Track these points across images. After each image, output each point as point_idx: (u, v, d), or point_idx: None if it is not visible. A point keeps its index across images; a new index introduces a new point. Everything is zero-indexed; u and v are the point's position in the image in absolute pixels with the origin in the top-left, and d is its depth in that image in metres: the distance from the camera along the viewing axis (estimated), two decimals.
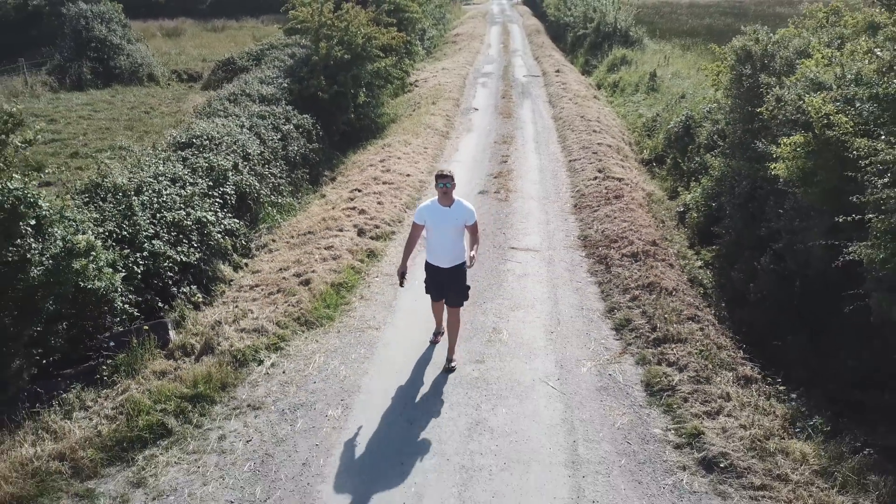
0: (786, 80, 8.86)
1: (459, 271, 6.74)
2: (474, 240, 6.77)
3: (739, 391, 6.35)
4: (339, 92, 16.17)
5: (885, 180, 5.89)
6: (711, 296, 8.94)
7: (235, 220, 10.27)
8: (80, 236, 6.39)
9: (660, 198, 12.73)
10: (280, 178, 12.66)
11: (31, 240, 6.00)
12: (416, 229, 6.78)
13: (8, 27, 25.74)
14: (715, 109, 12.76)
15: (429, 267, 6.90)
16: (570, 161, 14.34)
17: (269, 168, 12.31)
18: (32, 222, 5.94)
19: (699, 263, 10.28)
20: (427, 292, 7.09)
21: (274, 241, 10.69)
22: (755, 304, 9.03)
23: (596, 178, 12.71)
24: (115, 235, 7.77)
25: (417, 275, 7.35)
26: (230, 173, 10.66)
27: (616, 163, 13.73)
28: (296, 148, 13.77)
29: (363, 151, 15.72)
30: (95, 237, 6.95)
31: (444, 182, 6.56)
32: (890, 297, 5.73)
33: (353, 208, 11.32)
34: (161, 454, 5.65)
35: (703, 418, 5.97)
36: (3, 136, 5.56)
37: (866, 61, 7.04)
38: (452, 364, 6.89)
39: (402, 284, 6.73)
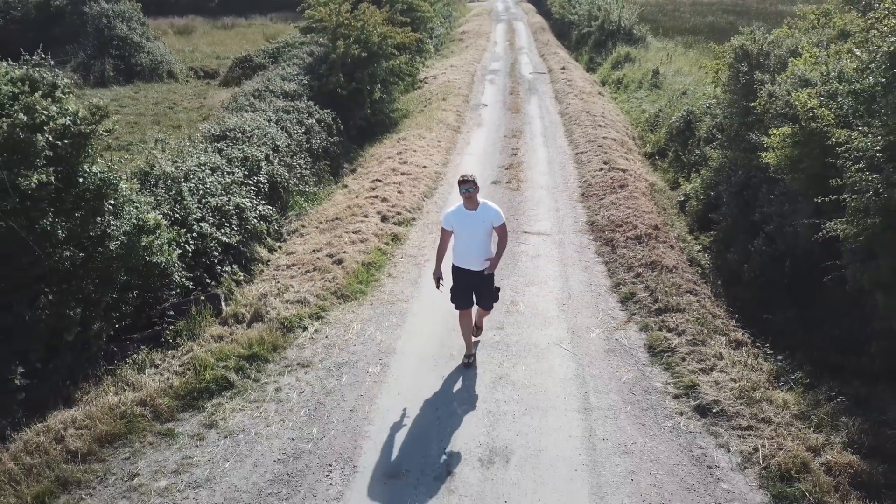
0: (778, 77, 9.68)
1: (490, 273, 6.85)
2: (501, 244, 6.84)
3: (731, 352, 7.20)
4: (356, 88, 17.02)
5: (860, 165, 6.70)
6: (708, 275, 9.76)
7: (269, 207, 11.12)
8: (149, 215, 7.24)
9: (662, 188, 13.56)
10: (305, 169, 13.50)
11: (110, 217, 6.84)
12: (445, 235, 6.85)
13: (30, 25, 26.55)
14: (714, 105, 13.57)
15: (458, 271, 6.89)
16: (577, 154, 15.16)
17: (295, 159, 13.16)
18: (112, 202, 6.78)
19: (698, 247, 11.10)
20: (452, 301, 7.03)
21: (304, 226, 11.54)
22: (748, 283, 9.86)
23: (602, 169, 13.53)
24: (169, 217, 8.62)
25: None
26: (263, 163, 11.51)
27: (620, 155, 14.55)
28: (318, 141, 14.61)
29: (380, 145, 16.55)
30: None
31: (467, 187, 6.57)
32: (862, 266, 6.56)
33: (376, 197, 12.17)
34: (227, 402, 6.51)
35: (698, 374, 6.82)
36: (94, 126, 6.39)
37: (847, 60, 7.84)
38: (471, 360, 7.13)
39: (438, 287, 6.91)
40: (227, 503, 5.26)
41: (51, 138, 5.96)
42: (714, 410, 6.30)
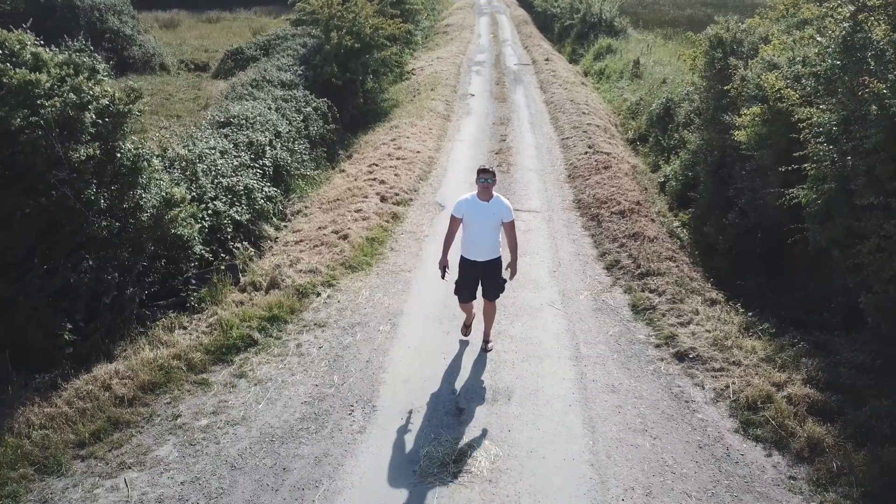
0: (750, 62, 10.48)
1: (496, 264, 6.83)
2: (512, 245, 6.85)
3: (706, 309, 7.99)
4: (350, 78, 17.65)
5: (820, 139, 7.49)
6: (686, 246, 10.56)
7: (274, 189, 11.76)
8: (175, 189, 7.88)
9: (643, 170, 14.36)
10: (304, 154, 14.13)
11: (141, 190, 7.48)
12: (454, 222, 6.79)
13: (21, 19, 26.75)
14: (692, 91, 14.38)
15: (465, 262, 6.87)
16: (563, 139, 15.92)
17: (295, 145, 13.79)
18: (145, 176, 7.42)
19: (677, 223, 11.90)
20: (456, 293, 7.09)
21: (307, 207, 12.20)
22: (723, 254, 10.70)
23: (586, 152, 14.30)
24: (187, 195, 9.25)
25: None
26: (267, 148, 12.15)
27: (604, 140, 15.33)
28: (315, 128, 15.24)
29: (373, 132, 17.18)
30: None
31: (486, 177, 6.54)
32: (821, 228, 7.35)
33: (374, 179, 12.84)
34: (253, 357, 7.19)
35: (676, 327, 7.61)
36: (131, 106, 7.02)
37: (809, 46, 8.64)
38: (490, 345, 7.20)
39: (443, 277, 6.92)
40: (263, 437, 5.94)
41: (94, 116, 6.59)
42: (691, 356, 7.08)
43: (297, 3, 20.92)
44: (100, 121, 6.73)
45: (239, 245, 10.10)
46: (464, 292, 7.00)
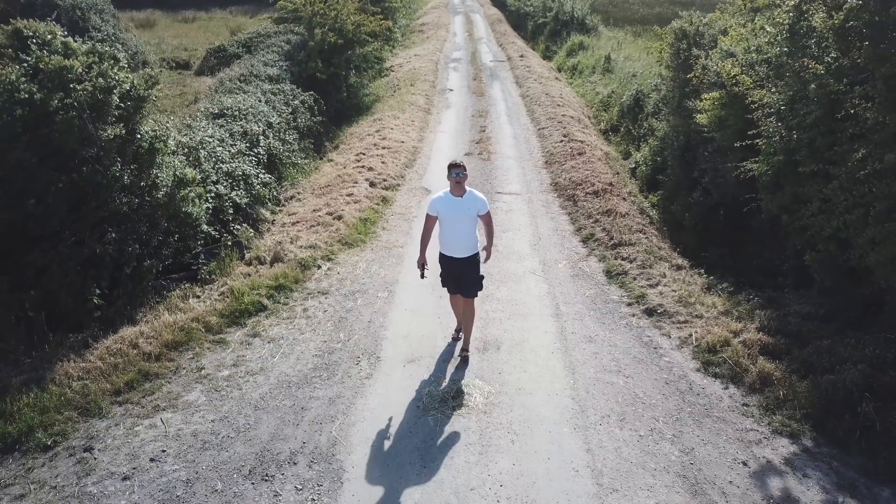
0: (710, 52, 11.39)
1: (473, 261, 6.75)
2: (489, 231, 6.86)
3: (673, 273, 8.85)
4: (334, 73, 18.34)
5: (770, 118, 8.38)
6: (655, 223, 11.43)
7: (268, 175, 12.43)
8: (187, 170, 8.54)
9: (615, 157, 15.26)
10: (294, 144, 14.80)
11: (157, 170, 8.13)
12: (429, 221, 6.71)
13: (2, 19, 26.98)
14: (660, 83, 15.31)
15: (443, 259, 6.84)
16: (539, 129, 16.76)
17: (286, 136, 14.45)
18: (161, 157, 8.07)
19: (647, 205, 12.79)
20: (444, 286, 7.13)
21: (299, 193, 12.88)
22: (690, 230, 11.61)
23: (562, 141, 15.15)
24: None
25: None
26: (261, 137, 12.82)
27: (578, 130, 16.19)
28: (303, 120, 15.90)
29: (357, 125, 17.88)
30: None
31: (457, 172, 6.48)
32: (772, 196, 8.24)
33: (362, 167, 13.56)
34: (264, 320, 7.89)
35: (646, 288, 8.45)
36: (149, 91, 7.67)
37: (761, 35, 9.54)
38: (467, 353, 7.03)
39: (422, 276, 6.83)
40: (280, 384, 6.66)
41: (118, 100, 7.24)
42: (658, 311, 7.92)
43: (278, 1, 21.55)
44: (122, 104, 7.38)
45: (239, 227, 10.77)
46: (450, 285, 7.01)
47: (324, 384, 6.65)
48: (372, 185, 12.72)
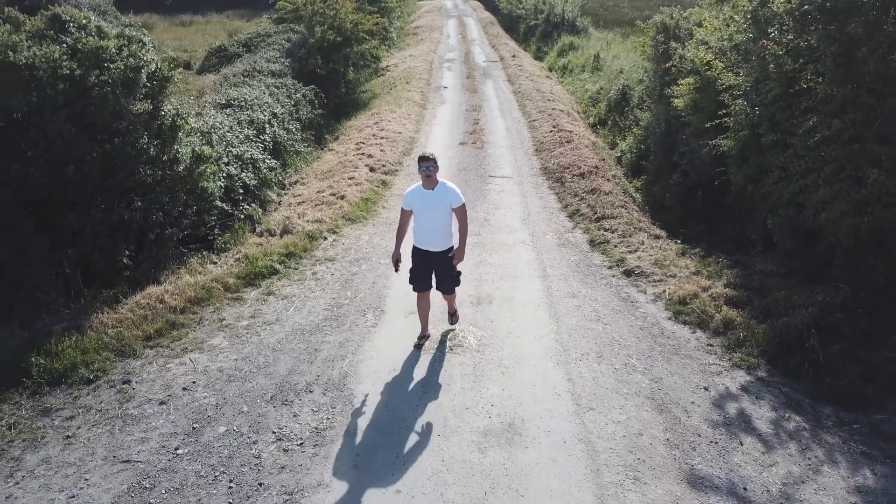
0: (686, 43, 12.21)
1: (449, 255, 6.73)
2: (462, 228, 6.69)
3: (651, 241, 9.65)
4: (333, 69, 19.13)
5: (738, 98, 9.19)
6: (637, 202, 12.23)
7: (274, 161, 13.18)
8: (204, 147, 9.30)
9: (602, 146, 16.07)
10: (297, 134, 15.56)
11: (178, 146, 8.88)
12: (404, 215, 6.72)
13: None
14: (644, 76, 16.15)
15: (418, 252, 6.78)
16: (530, 122, 17.58)
17: (289, 125, 15.21)
18: (181, 133, 8.83)
19: (632, 189, 13.59)
20: (411, 282, 6.93)
21: (303, 178, 13.64)
22: (670, 209, 12.39)
23: (551, 131, 15.96)
24: None
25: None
26: (266, 125, 13.58)
27: (567, 122, 17.02)
28: (305, 112, 16.68)
29: (356, 119, 18.67)
30: None
31: (427, 165, 6.41)
32: (739, 169, 9.03)
33: (363, 154, 14.34)
34: (277, 282, 8.64)
35: (625, 254, 9.24)
36: (172, 72, 8.43)
37: (731, 25, 10.35)
38: (455, 317, 7.33)
39: (396, 270, 6.77)
40: (295, 332, 7.41)
41: (145, 78, 8.00)
42: (636, 272, 8.72)
43: (278, 2, 22.37)
44: (149, 83, 8.15)
45: (248, 206, 11.53)
46: (417, 281, 6.84)
47: (334, 331, 7.41)
48: (372, 170, 13.49)
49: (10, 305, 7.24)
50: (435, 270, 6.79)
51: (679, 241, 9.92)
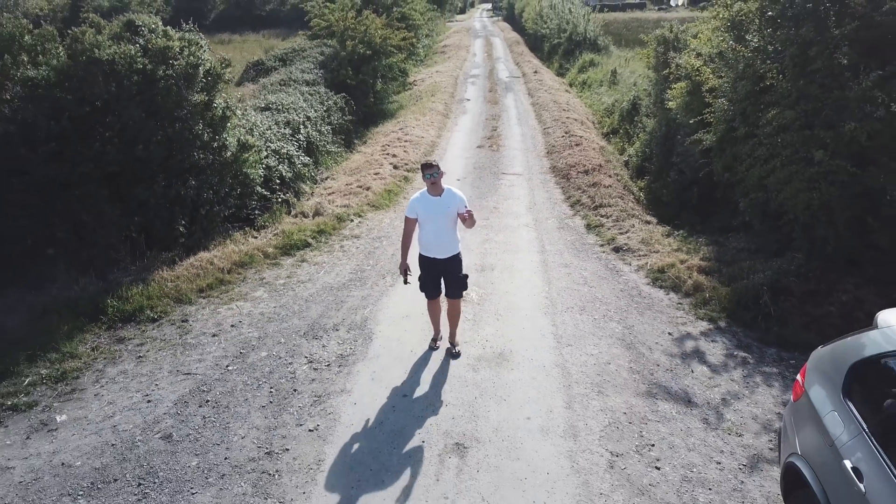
0: (683, 52, 13.39)
1: (456, 261, 6.68)
2: (471, 224, 6.44)
3: (641, 225, 10.78)
4: (362, 80, 20.61)
5: (719, 98, 10.32)
6: (635, 195, 13.37)
7: (307, 158, 14.57)
8: (249, 137, 10.68)
9: (611, 151, 17.22)
10: (328, 136, 16.98)
11: (226, 134, 10.27)
12: (409, 223, 6.63)
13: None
14: (648, 86, 17.32)
15: (424, 260, 6.74)
16: (545, 129, 18.82)
17: (321, 128, 16.64)
18: (229, 124, 10.22)
19: (636, 189, 14.71)
20: (422, 290, 6.90)
21: (333, 175, 15.00)
22: (667, 203, 13.49)
23: (563, 136, 17.18)
24: None
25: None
26: (301, 126, 15.00)
27: (579, 129, 18.21)
28: (336, 118, 18.11)
29: (383, 126, 20.07)
30: None
31: (431, 172, 6.37)
32: (718, 159, 10.14)
33: (387, 154, 15.69)
34: (309, 253, 9.94)
35: (617, 234, 10.40)
36: (224, 70, 9.85)
37: (717, 36, 11.51)
38: (457, 349, 6.98)
39: (405, 281, 6.70)
40: (324, 288, 8.68)
41: (202, 74, 9.42)
42: (624, 249, 9.87)
43: (314, 19, 24.02)
44: (204, 78, 9.56)
45: (284, 194, 12.89)
46: (428, 289, 6.85)
47: (357, 289, 8.67)
48: (395, 167, 14.82)
49: (89, 259, 8.61)
50: (443, 277, 6.75)
51: (668, 226, 11.02)
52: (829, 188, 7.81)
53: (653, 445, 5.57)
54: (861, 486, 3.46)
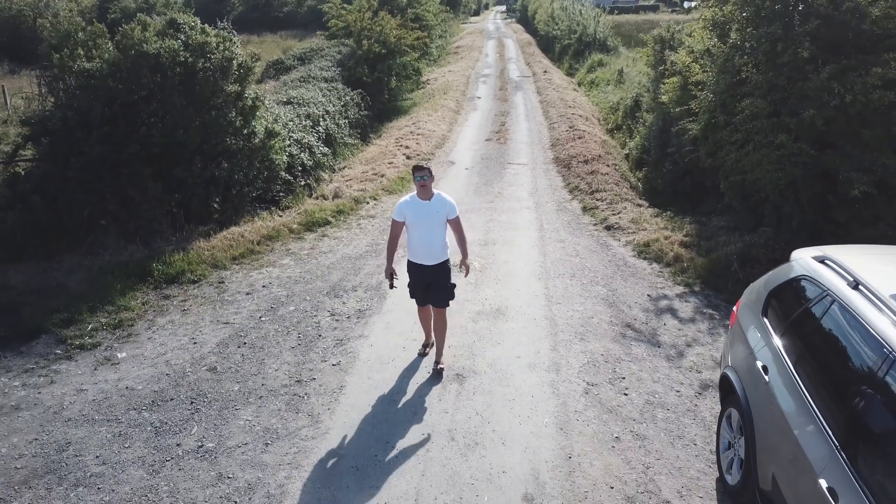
0: (677, 50, 14.34)
1: (444, 268, 6.54)
2: (461, 240, 6.52)
3: (633, 208, 11.76)
4: (377, 77, 21.69)
5: (705, 92, 11.28)
6: (630, 183, 14.33)
7: (326, 148, 15.66)
8: (275, 125, 11.76)
9: (612, 144, 18.18)
10: (345, 129, 18.07)
11: (255, 122, 11.35)
12: (396, 227, 6.49)
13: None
14: (647, 83, 18.26)
15: (412, 266, 6.61)
16: (551, 124, 19.81)
17: (339, 121, 17.73)
18: (258, 113, 11.30)
19: (633, 180, 15.67)
20: (412, 297, 6.82)
21: (350, 164, 16.08)
22: (662, 192, 14.44)
23: (567, 130, 18.16)
24: None
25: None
26: (321, 119, 16.09)
27: (583, 124, 19.19)
28: (352, 113, 19.19)
29: (396, 121, 21.15)
30: None
31: (422, 175, 6.27)
32: (703, 146, 11.09)
33: (401, 146, 16.75)
34: (330, 229, 11.01)
35: (609, 215, 11.39)
36: (254, 64, 10.94)
37: (705, 33, 12.46)
38: (440, 366, 6.67)
39: (391, 286, 6.62)
40: (343, 258, 9.73)
41: (235, 66, 10.52)
42: (615, 227, 10.86)
43: (331, 20, 25.16)
44: (237, 71, 10.66)
45: (306, 182, 13.97)
46: (418, 295, 6.76)
47: (373, 258, 9.72)
48: (408, 158, 15.86)
49: (136, 229, 9.70)
50: (430, 284, 6.59)
51: (658, 209, 11.99)
52: (794, 169, 8.76)
53: (623, 378, 6.56)
54: (766, 377, 4.45)
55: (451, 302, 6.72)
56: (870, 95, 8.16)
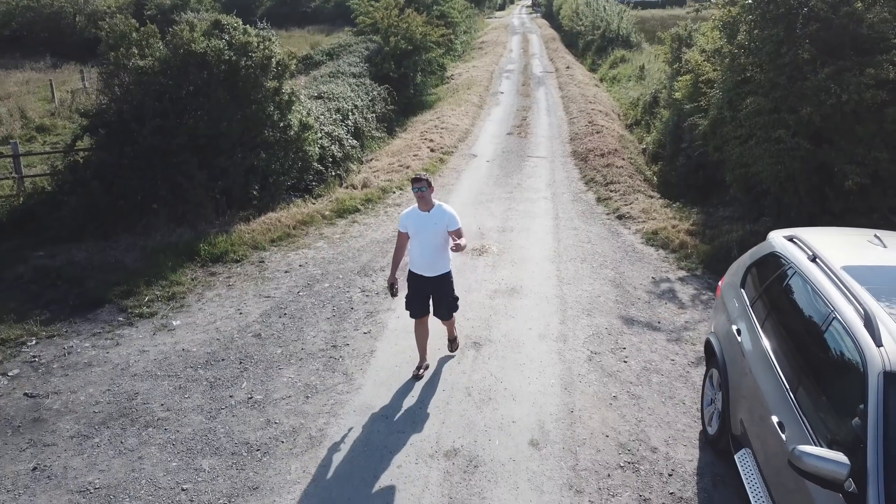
0: (692, 49, 14.94)
1: (446, 280, 6.50)
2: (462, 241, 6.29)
3: (645, 199, 12.43)
4: (404, 73, 22.49)
5: (713, 89, 11.90)
6: (644, 176, 14.98)
7: (355, 141, 16.49)
8: (309, 118, 12.60)
9: (630, 140, 18.80)
10: (373, 123, 18.90)
11: (291, 115, 12.20)
12: (400, 238, 6.53)
13: None
14: (664, 79, 18.84)
15: (413, 277, 6.56)
16: (571, 119, 20.47)
17: (367, 115, 18.56)
18: (294, 107, 12.15)
19: (649, 173, 16.30)
20: (407, 308, 6.68)
21: (377, 156, 16.91)
22: (675, 185, 15.07)
23: (587, 125, 18.81)
24: None
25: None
26: (349, 113, 16.93)
27: (603, 119, 19.82)
28: (379, 107, 20.01)
29: (421, 115, 21.94)
30: None
31: (420, 186, 6.21)
32: (710, 141, 11.72)
33: (425, 139, 17.54)
34: (359, 216, 11.84)
35: (622, 206, 12.07)
36: (291, 62, 11.78)
37: (716, 33, 13.06)
38: (454, 344, 7.09)
39: (393, 296, 6.59)
40: (372, 242, 10.55)
41: (274, 64, 11.38)
42: (626, 216, 11.55)
43: (359, 17, 26.00)
44: (276, 68, 11.52)
45: (336, 173, 14.82)
46: (414, 307, 6.60)
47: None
48: (432, 150, 16.66)
49: (183, 213, 10.62)
50: (431, 296, 6.55)
51: (668, 200, 12.65)
52: (792, 162, 9.40)
53: (624, 349, 7.30)
54: (739, 338, 5.17)
55: (458, 304, 6.80)
56: (863, 94, 8.79)
